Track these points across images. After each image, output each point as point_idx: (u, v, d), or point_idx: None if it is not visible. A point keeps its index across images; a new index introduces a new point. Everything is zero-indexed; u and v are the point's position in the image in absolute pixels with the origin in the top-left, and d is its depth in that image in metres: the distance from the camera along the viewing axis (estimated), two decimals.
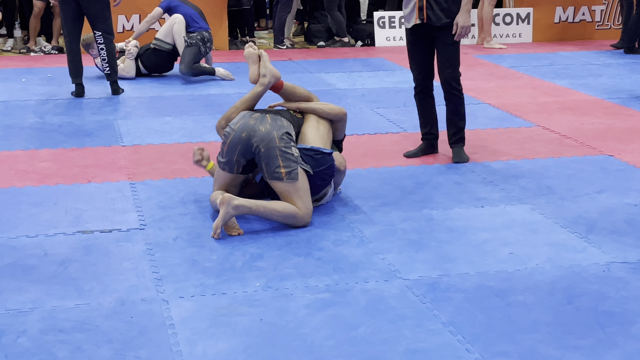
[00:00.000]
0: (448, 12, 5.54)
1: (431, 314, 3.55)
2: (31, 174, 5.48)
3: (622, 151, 6.04)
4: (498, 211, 4.82)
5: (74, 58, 7.79)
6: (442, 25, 5.56)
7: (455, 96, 5.74)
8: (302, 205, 4.50)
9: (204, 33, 8.78)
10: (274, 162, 4.50)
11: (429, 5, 5.52)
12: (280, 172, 4.49)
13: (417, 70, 5.77)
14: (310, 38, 11.79)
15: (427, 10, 5.53)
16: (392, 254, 4.19)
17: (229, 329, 3.41)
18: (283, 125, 4.62)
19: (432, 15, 5.54)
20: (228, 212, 4.38)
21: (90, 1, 7.63)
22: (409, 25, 5.66)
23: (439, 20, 5.54)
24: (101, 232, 4.46)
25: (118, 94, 8.00)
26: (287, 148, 4.54)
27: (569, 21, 11.96)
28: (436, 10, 5.53)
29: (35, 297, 3.68)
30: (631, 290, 3.77)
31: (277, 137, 4.54)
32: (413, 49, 5.75)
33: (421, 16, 5.55)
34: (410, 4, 5.61)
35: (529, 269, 4.00)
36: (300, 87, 5.08)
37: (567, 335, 3.36)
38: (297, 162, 4.54)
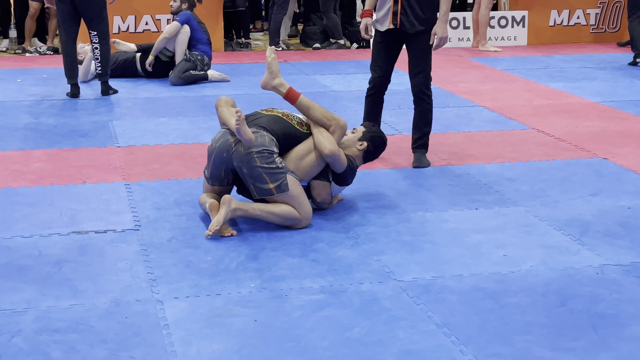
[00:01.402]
0: (422, 20, 5.51)
1: (425, 315, 3.55)
2: (26, 175, 5.48)
3: (616, 154, 6.05)
4: (492, 213, 4.83)
5: (69, 58, 7.79)
6: (415, 32, 5.54)
7: (425, 101, 5.72)
8: (301, 210, 4.50)
9: (205, 57, 8.74)
10: (261, 180, 4.45)
11: (404, 11, 5.49)
12: (269, 188, 4.46)
13: (378, 73, 5.75)
14: (306, 40, 11.80)
15: (402, 16, 5.49)
16: (386, 255, 4.20)
17: (224, 329, 3.41)
18: (263, 143, 4.46)
19: (405, 22, 5.51)
20: (227, 214, 4.39)
21: (86, 2, 7.63)
22: (382, 29, 5.62)
23: (412, 27, 5.52)
24: (96, 233, 4.46)
25: (107, 94, 7.98)
26: (270, 163, 4.44)
27: (564, 24, 11.98)
28: (410, 17, 5.50)
29: (29, 297, 3.68)
30: (624, 293, 3.78)
31: (256, 156, 4.44)
32: (380, 52, 5.72)
33: (395, 21, 5.52)
34: (384, 7, 5.57)
35: (522, 271, 4.02)
36: (320, 108, 4.76)
37: (561, 337, 3.37)
38: (283, 171, 4.47)
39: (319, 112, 4.72)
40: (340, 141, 4.79)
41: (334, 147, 4.60)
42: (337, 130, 4.71)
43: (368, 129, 4.93)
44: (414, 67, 5.67)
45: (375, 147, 4.93)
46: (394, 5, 5.49)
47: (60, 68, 9.00)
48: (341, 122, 4.73)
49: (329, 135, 4.66)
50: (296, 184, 4.51)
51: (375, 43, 5.76)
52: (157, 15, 10.71)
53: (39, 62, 9.97)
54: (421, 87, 5.68)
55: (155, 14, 10.70)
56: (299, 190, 4.52)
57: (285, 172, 4.48)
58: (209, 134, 6.60)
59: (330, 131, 4.70)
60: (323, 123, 4.70)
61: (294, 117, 4.77)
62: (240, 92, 8.21)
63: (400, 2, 5.47)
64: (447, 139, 6.50)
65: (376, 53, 5.75)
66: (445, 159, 5.93)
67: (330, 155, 4.59)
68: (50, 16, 10.81)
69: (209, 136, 6.51)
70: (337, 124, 4.71)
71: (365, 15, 5.68)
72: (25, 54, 10.62)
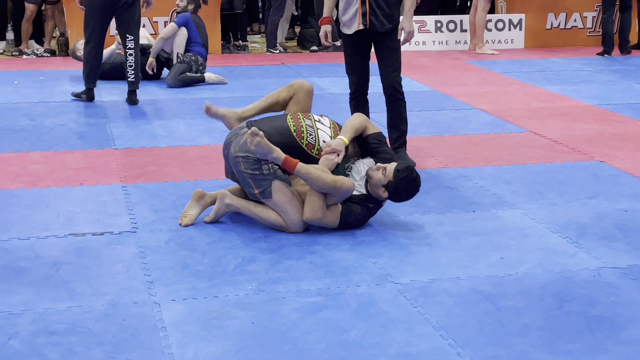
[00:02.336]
0: (390, 17, 5.54)
1: (422, 318, 3.56)
2: (23, 177, 5.47)
3: (613, 157, 6.06)
4: (489, 216, 4.83)
5: (94, 61, 7.56)
6: (385, 31, 5.56)
7: (400, 100, 5.71)
8: (286, 218, 4.47)
9: (200, 58, 8.72)
10: (247, 184, 4.49)
11: (372, 12, 5.50)
12: (254, 192, 4.48)
13: (357, 76, 5.73)
14: (303, 42, 11.81)
15: (371, 16, 5.50)
16: (383, 258, 4.20)
17: (221, 332, 3.41)
18: (250, 149, 4.42)
19: (375, 21, 5.52)
20: (220, 208, 4.53)
21: (126, 6, 7.39)
22: (351, 32, 5.61)
23: (382, 26, 5.53)
24: (93, 235, 4.45)
25: (135, 104, 7.69)
26: (254, 170, 4.42)
27: (561, 27, 12.00)
28: (379, 16, 5.51)
29: (26, 299, 3.67)
30: (621, 296, 3.79)
31: (241, 161, 4.45)
32: (353, 55, 5.70)
33: (364, 22, 5.52)
34: (351, 10, 5.55)
35: (519, 274, 4.02)
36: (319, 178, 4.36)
37: (558, 340, 3.37)
38: (269, 179, 4.42)
39: (316, 185, 4.36)
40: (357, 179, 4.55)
41: (313, 214, 4.40)
42: (337, 196, 4.41)
43: (396, 176, 4.45)
44: (387, 66, 5.65)
45: (398, 199, 4.58)
46: (361, 6, 5.50)
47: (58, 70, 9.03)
48: (344, 187, 4.40)
49: (314, 202, 4.40)
50: (282, 192, 4.43)
51: (345, 48, 5.75)
52: (154, 17, 10.71)
53: (36, 64, 9.96)
54: (395, 85, 5.66)
55: (153, 16, 10.69)
56: (285, 199, 4.44)
57: (272, 179, 4.41)
58: (206, 136, 6.60)
59: (329, 196, 4.43)
60: (323, 191, 4.40)
61: (307, 135, 4.58)
62: (237, 95, 8.21)
63: (367, 2, 5.48)
64: (444, 141, 6.50)
65: (349, 56, 5.74)
66: (442, 162, 5.93)
67: (307, 220, 4.45)
68: (47, 18, 10.81)
69: (206, 138, 6.52)
70: (337, 191, 4.39)
71: (325, 22, 5.67)
72: (22, 56, 10.62)
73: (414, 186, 4.53)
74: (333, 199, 4.44)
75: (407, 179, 4.46)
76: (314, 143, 4.59)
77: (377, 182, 4.48)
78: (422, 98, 8.09)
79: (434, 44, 11.50)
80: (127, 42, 7.55)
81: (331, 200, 4.44)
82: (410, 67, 9.88)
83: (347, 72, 5.80)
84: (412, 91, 8.44)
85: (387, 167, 4.49)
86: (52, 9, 10.74)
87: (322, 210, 4.42)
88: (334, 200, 4.45)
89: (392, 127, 5.79)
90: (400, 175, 4.44)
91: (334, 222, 4.48)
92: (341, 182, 4.39)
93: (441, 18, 11.67)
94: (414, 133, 6.74)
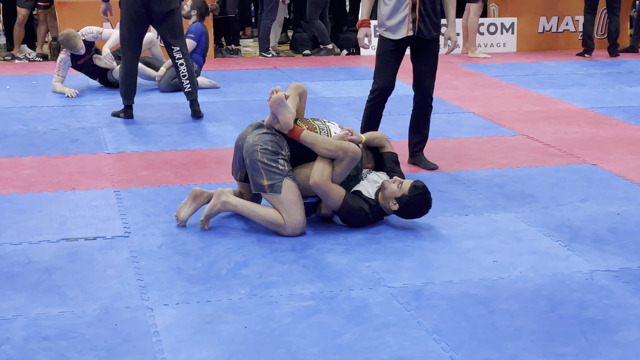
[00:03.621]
0: (437, 25, 5.64)
1: (415, 321, 3.56)
2: (15, 181, 5.46)
3: (605, 160, 6.08)
4: (482, 219, 4.84)
5: (131, 77, 7.15)
6: (431, 38, 5.64)
7: (429, 105, 5.82)
8: (287, 218, 4.49)
9: (195, 65, 8.60)
10: (258, 174, 4.49)
11: (422, 19, 5.55)
12: (263, 184, 4.49)
13: (387, 80, 5.72)
14: (296, 46, 11.82)
15: (420, 23, 5.55)
16: (376, 261, 4.20)
17: (214, 336, 3.41)
18: (272, 141, 4.51)
19: (424, 29, 5.58)
20: (216, 205, 4.55)
21: (164, 16, 7.01)
22: (397, 37, 5.62)
23: (430, 33, 5.60)
24: (85, 240, 4.44)
25: (199, 116, 7.28)
26: (270, 161, 4.47)
27: (553, 31, 12.03)
28: (428, 24, 5.57)
29: (19, 304, 3.66)
30: (613, 298, 3.80)
31: (260, 149, 4.49)
32: (390, 60, 5.70)
33: (413, 28, 5.56)
34: (398, 15, 5.57)
35: (512, 277, 4.02)
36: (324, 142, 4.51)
37: (550, 343, 3.38)
38: (282, 174, 4.48)
39: (323, 147, 4.49)
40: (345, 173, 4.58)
41: (320, 178, 4.46)
42: (346, 159, 4.50)
43: (411, 191, 4.55)
44: (426, 72, 5.73)
45: (406, 214, 4.63)
46: (411, 13, 5.53)
47: (50, 74, 9.01)
48: (350, 150, 4.49)
49: (323, 167, 4.48)
50: (291, 191, 4.48)
51: (383, 52, 5.70)
52: None
53: (28, 69, 9.95)
54: (430, 91, 5.76)
55: None
56: (292, 198, 4.49)
57: (284, 175, 4.48)
58: (199, 140, 6.60)
59: (338, 161, 4.51)
60: (330, 156, 4.51)
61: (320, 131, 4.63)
62: (230, 99, 8.21)
63: (417, 9, 5.52)
64: (437, 145, 6.51)
65: (385, 62, 5.72)
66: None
67: (314, 185, 4.48)
68: (39, 23, 10.79)
69: (199, 143, 6.52)
70: (344, 153, 4.48)
71: (365, 25, 5.67)
72: (14, 61, 10.61)
73: (425, 205, 4.62)
74: (341, 165, 4.50)
75: (421, 196, 4.57)
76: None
77: (391, 193, 4.57)
78: None
79: None
80: (174, 54, 7.18)
81: (338, 168, 4.50)
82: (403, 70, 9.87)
83: (377, 77, 5.76)
84: (405, 95, 8.42)
85: (404, 181, 4.62)
86: (44, 13, 10.72)
87: (329, 179, 4.50)
88: (342, 167, 4.50)
89: (415, 131, 5.90)
90: (416, 192, 4.55)
91: (336, 199, 4.52)
92: (347, 144, 4.52)
93: None
94: (406, 137, 6.74)
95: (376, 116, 5.87)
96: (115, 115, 7.30)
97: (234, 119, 7.31)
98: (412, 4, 5.52)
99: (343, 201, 4.54)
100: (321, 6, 11.11)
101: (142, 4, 6.87)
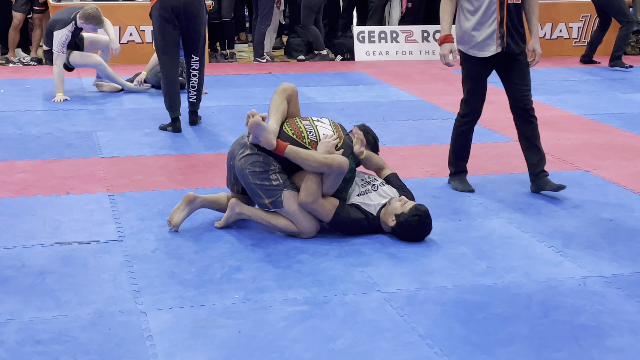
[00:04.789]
0: (523, 37, 5.30)
1: (409, 326, 3.56)
2: (9, 185, 5.46)
3: (599, 167, 6.10)
4: (476, 225, 4.85)
5: (173, 87, 7.07)
6: (521, 51, 5.30)
7: (533, 117, 5.41)
8: (299, 225, 4.53)
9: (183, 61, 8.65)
10: (257, 195, 4.55)
11: (509, 34, 5.19)
12: (264, 202, 4.55)
13: (479, 101, 5.41)
14: (290, 52, 11.82)
15: (508, 38, 5.19)
16: (370, 266, 4.21)
17: (207, 340, 3.41)
18: (258, 161, 4.51)
19: (512, 43, 5.22)
20: (230, 217, 4.64)
21: (195, 25, 7.01)
22: (485, 54, 5.24)
23: (518, 47, 5.26)
24: (79, 244, 4.44)
25: (195, 124, 7.30)
26: (263, 180, 4.49)
27: (547, 38, 12.05)
28: (515, 37, 5.22)
29: (12, 308, 3.66)
30: (606, 304, 3.81)
31: (249, 174, 4.51)
32: (480, 80, 5.37)
33: (502, 45, 5.20)
34: (484, 31, 5.18)
35: (505, 283, 4.03)
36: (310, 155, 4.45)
37: (543, 349, 3.39)
38: (279, 189, 4.50)
39: (307, 164, 4.45)
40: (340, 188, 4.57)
41: (306, 198, 4.45)
42: (332, 174, 4.44)
43: (412, 211, 4.50)
44: (521, 84, 5.34)
45: (401, 233, 4.54)
46: (499, 28, 5.16)
47: (45, 79, 8.99)
48: (334, 165, 4.42)
49: (310, 185, 4.45)
50: (293, 201, 4.50)
51: (474, 73, 5.36)
52: (141, 26, 10.70)
53: (23, 73, 9.94)
54: (529, 102, 5.37)
55: (140, 25, 10.68)
56: (296, 207, 4.51)
57: (282, 189, 4.49)
58: (193, 145, 6.60)
59: (325, 175, 4.46)
60: (315, 171, 4.46)
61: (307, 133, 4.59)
62: (224, 104, 8.21)
63: (505, 24, 5.16)
64: (430, 150, 6.52)
65: (476, 81, 5.38)
66: (428, 171, 5.95)
67: (301, 204, 4.48)
68: (34, 27, 10.78)
69: (193, 147, 6.52)
70: (329, 168, 4.42)
71: (448, 40, 5.25)
72: (8, 65, 10.59)
73: (422, 229, 4.54)
74: (329, 179, 4.47)
75: (420, 218, 4.49)
76: (316, 140, 4.60)
77: (392, 209, 4.55)
78: (408, 107, 8.11)
79: (421, 53, 11.54)
80: (191, 63, 7.17)
81: (327, 182, 4.47)
82: (397, 76, 9.91)
83: (468, 99, 5.43)
84: (399, 100, 8.47)
85: (409, 202, 4.58)
86: (40, 17, 10.71)
87: (317, 196, 4.47)
88: (330, 180, 4.47)
89: (530, 149, 5.44)
90: (416, 212, 4.49)
91: (326, 213, 4.51)
92: (332, 158, 4.44)
93: (428, 28, 11.70)
94: (400, 142, 6.78)
95: (468, 144, 5.55)
96: (162, 129, 7.15)
97: (228, 123, 7.31)
98: (500, 18, 5.15)
99: (335, 213, 4.52)
100: (315, 11, 11.12)
101: (172, 12, 6.91)
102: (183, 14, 6.92)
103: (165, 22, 6.92)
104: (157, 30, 7.01)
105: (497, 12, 5.16)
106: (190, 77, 7.20)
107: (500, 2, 5.15)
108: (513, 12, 5.19)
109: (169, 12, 6.89)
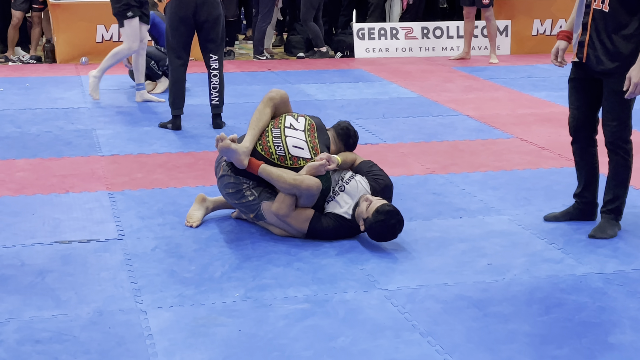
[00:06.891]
0: (615, 55, 4.34)
1: (410, 324, 3.56)
2: (9, 184, 5.45)
3: (599, 163, 6.06)
4: (476, 222, 4.84)
5: (179, 85, 7.04)
6: (601, 71, 4.42)
7: (619, 155, 4.56)
8: (288, 230, 4.53)
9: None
10: (242, 211, 4.63)
11: (591, 43, 4.40)
12: (250, 217, 4.61)
13: (572, 116, 4.68)
14: (290, 49, 11.81)
15: (589, 48, 4.42)
16: (370, 264, 4.20)
17: (208, 339, 3.40)
18: (230, 183, 4.55)
19: (592, 56, 4.41)
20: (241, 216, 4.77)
21: (212, 22, 6.92)
22: (573, 59, 4.61)
23: (599, 64, 4.39)
24: (79, 242, 4.43)
25: (220, 127, 7.14)
26: (241, 199, 4.55)
27: (547, 34, 12.05)
28: (598, 50, 4.38)
29: (12, 307, 3.65)
30: (607, 301, 3.80)
31: (226, 195, 4.63)
32: (571, 89, 4.66)
33: (580, 54, 4.48)
34: (576, 32, 4.52)
35: (506, 280, 4.03)
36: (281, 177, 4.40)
37: (545, 346, 3.38)
38: (257, 202, 4.52)
39: (279, 184, 4.41)
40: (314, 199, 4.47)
41: (278, 208, 4.43)
42: (302, 196, 4.40)
43: (375, 216, 4.33)
44: (605, 113, 4.50)
45: (373, 237, 4.42)
46: (582, 33, 4.45)
47: (44, 77, 8.98)
48: (303, 187, 4.36)
49: (285, 197, 4.42)
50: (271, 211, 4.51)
51: (569, 78, 4.69)
52: None
53: (22, 71, 9.93)
54: (614, 139, 4.51)
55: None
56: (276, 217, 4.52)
57: (259, 202, 4.52)
58: (193, 143, 6.59)
59: (297, 195, 4.42)
60: (287, 192, 4.41)
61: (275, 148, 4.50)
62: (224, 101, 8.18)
63: (589, 30, 4.42)
64: (430, 147, 6.52)
65: (569, 89, 4.69)
66: (429, 168, 5.94)
67: (274, 213, 4.46)
68: (34, 25, 10.77)
69: (193, 145, 6.51)
70: (299, 190, 4.37)
71: (561, 37, 4.63)
72: (8, 63, 10.58)
73: (389, 231, 4.37)
74: (301, 200, 4.44)
75: (383, 222, 4.32)
76: (284, 154, 4.51)
77: (359, 213, 4.46)
78: (408, 104, 8.10)
79: (421, 50, 11.53)
80: (211, 62, 7.04)
81: (301, 200, 4.45)
82: (397, 73, 9.90)
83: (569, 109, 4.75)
84: (399, 97, 8.46)
85: (373, 202, 4.41)
86: (39, 15, 10.70)
87: (289, 208, 4.43)
88: (302, 201, 4.44)
89: (607, 186, 4.68)
90: (378, 217, 4.33)
91: (300, 226, 4.46)
92: (301, 180, 4.39)
93: (428, 24, 11.70)
94: (400, 139, 6.76)
95: (582, 161, 4.78)
96: (162, 127, 7.13)
97: (228, 121, 7.30)
98: (584, 22, 4.44)
99: (309, 225, 4.46)
100: (315, 8, 11.11)
101: (190, 9, 6.85)
102: (200, 13, 6.87)
103: (179, 21, 6.87)
104: (170, 28, 6.95)
105: (584, 15, 4.46)
106: (210, 78, 7.09)
107: (587, 3, 4.44)
108: (599, 20, 4.36)
109: (184, 9, 6.83)
